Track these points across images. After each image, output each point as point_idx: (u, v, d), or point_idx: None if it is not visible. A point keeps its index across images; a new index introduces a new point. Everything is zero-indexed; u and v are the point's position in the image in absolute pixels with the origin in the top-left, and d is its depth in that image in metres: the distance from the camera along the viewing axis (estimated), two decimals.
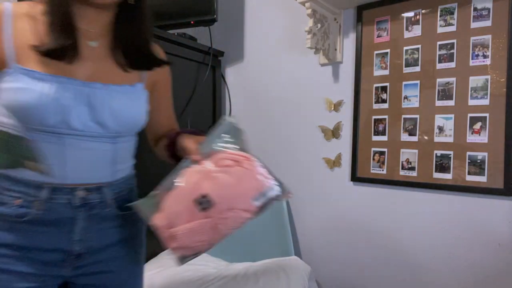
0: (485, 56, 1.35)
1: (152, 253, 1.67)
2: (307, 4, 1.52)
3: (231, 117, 0.90)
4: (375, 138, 1.59)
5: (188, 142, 0.85)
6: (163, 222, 0.79)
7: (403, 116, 1.52)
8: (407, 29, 1.51)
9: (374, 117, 1.59)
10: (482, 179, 1.35)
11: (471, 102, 1.38)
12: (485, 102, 1.35)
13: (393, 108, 1.54)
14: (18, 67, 0.75)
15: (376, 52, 1.59)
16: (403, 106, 1.52)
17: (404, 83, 1.52)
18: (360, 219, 1.64)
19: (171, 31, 1.83)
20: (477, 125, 1.36)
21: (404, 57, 1.52)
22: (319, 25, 1.59)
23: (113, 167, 0.87)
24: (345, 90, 1.68)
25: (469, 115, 1.38)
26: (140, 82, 0.91)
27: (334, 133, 1.72)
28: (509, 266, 1.32)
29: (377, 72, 1.58)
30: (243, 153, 0.81)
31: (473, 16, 1.37)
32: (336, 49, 1.69)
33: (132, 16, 0.87)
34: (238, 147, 0.82)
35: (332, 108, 1.72)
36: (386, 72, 1.56)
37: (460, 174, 1.39)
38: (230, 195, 0.77)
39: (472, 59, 1.37)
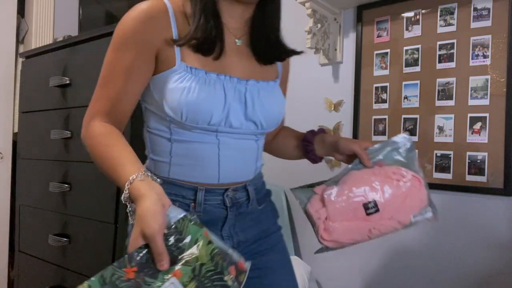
0: (485, 56, 1.35)
1: None
2: (307, 4, 1.52)
3: (406, 135, 0.91)
4: (375, 138, 1.59)
5: (354, 146, 0.89)
6: (324, 214, 0.85)
7: (403, 116, 1.52)
8: (407, 29, 1.51)
9: (374, 117, 1.59)
10: (482, 179, 1.35)
11: (471, 102, 1.37)
12: (485, 102, 1.35)
13: (393, 108, 1.54)
14: (184, 65, 0.74)
15: (376, 52, 1.58)
16: (403, 106, 1.52)
17: (404, 83, 1.52)
18: None
19: None
20: (477, 125, 1.36)
21: (404, 57, 1.51)
22: (319, 25, 1.59)
23: (256, 164, 0.88)
24: (345, 90, 1.68)
25: (469, 115, 1.38)
26: (277, 78, 0.91)
27: (334, 133, 1.72)
28: (509, 266, 1.32)
29: (377, 72, 1.58)
30: (414, 173, 0.87)
31: (473, 16, 1.37)
32: (336, 49, 1.69)
33: (269, 11, 0.86)
34: (408, 164, 0.88)
35: (332, 108, 1.72)
36: (386, 72, 1.56)
37: (460, 174, 1.39)
38: (395, 207, 0.84)
39: (472, 59, 1.37)
